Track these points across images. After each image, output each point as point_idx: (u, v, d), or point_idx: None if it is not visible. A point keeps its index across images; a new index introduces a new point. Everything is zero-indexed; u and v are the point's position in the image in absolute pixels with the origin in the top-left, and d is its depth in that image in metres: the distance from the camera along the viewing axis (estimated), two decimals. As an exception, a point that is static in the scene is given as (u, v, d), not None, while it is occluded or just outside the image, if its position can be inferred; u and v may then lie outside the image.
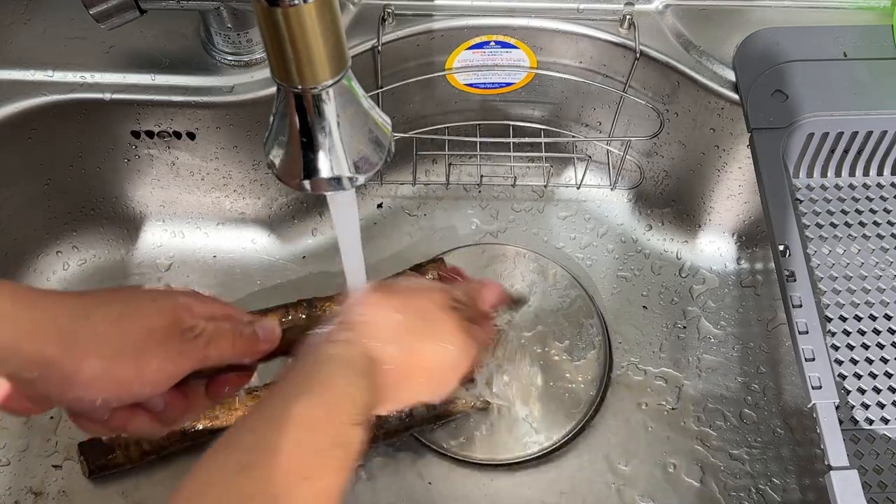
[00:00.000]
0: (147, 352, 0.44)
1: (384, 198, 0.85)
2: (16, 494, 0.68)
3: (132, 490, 0.68)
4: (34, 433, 0.70)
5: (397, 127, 0.79)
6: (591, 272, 0.81)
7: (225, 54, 0.70)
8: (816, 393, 0.56)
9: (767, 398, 0.74)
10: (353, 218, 0.47)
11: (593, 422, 0.72)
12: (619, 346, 0.76)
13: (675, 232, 0.82)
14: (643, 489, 0.69)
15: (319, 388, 0.42)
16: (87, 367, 0.42)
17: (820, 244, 0.65)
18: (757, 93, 0.68)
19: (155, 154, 0.74)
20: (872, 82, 0.68)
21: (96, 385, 0.43)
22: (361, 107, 0.41)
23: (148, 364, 0.44)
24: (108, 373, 0.43)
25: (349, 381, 0.43)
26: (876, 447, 0.57)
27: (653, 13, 0.74)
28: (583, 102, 0.80)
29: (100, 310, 0.44)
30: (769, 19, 0.73)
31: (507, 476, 0.70)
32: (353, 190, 0.43)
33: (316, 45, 0.37)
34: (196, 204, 0.79)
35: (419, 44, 0.74)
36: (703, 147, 0.76)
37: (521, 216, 0.84)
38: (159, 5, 0.62)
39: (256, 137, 0.73)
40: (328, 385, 0.43)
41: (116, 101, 0.69)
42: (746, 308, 0.79)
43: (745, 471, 0.71)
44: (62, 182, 0.74)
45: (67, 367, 0.42)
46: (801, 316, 0.58)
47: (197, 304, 0.47)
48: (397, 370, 0.46)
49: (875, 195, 0.69)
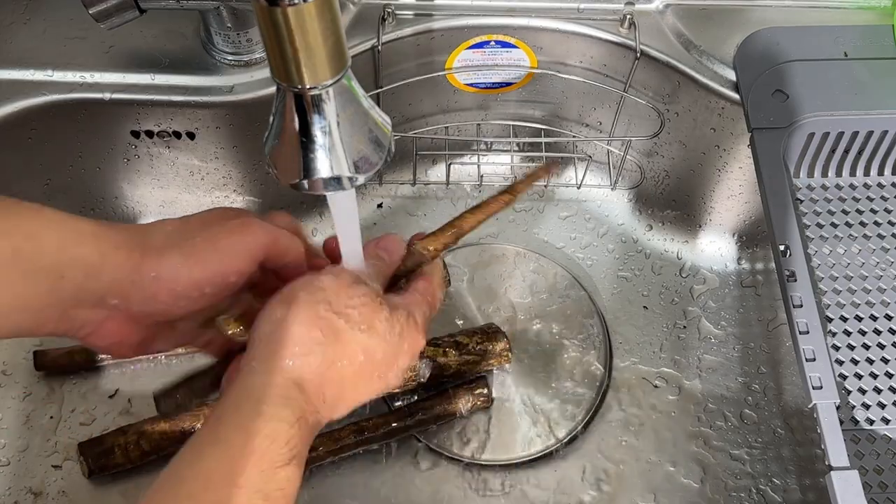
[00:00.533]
0: (220, 233, 0.45)
1: (384, 198, 0.85)
2: (15, 494, 0.68)
3: (132, 490, 0.68)
4: (34, 433, 0.70)
5: (397, 127, 0.79)
6: (591, 272, 0.80)
7: (225, 54, 0.70)
8: (817, 393, 0.56)
9: (768, 398, 0.74)
10: (354, 218, 0.46)
11: (593, 422, 0.72)
12: (619, 347, 0.76)
13: (675, 232, 0.82)
14: (643, 489, 0.69)
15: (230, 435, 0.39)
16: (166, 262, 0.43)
17: (820, 244, 0.65)
18: (757, 92, 0.68)
19: (155, 154, 0.74)
20: (873, 82, 0.68)
21: (180, 276, 0.43)
22: (361, 106, 0.41)
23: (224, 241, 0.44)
24: (187, 260, 0.43)
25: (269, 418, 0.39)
26: (876, 447, 0.57)
27: (653, 13, 0.74)
28: (583, 102, 0.80)
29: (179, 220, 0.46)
30: (769, 19, 0.73)
31: (508, 476, 0.70)
32: (353, 190, 0.43)
33: (316, 44, 0.37)
34: (196, 204, 0.79)
35: (419, 43, 0.74)
36: (704, 147, 0.76)
37: (521, 216, 0.84)
38: (159, 5, 0.62)
39: (256, 137, 0.73)
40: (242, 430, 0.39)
41: (116, 101, 0.69)
42: (747, 308, 0.79)
43: (745, 471, 0.70)
44: (62, 182, 0.74)
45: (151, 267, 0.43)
46: (802, 316, 0.58)
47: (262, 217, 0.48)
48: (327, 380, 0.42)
49: (876, 195, 0.69)
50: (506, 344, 0.72)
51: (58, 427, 0.71)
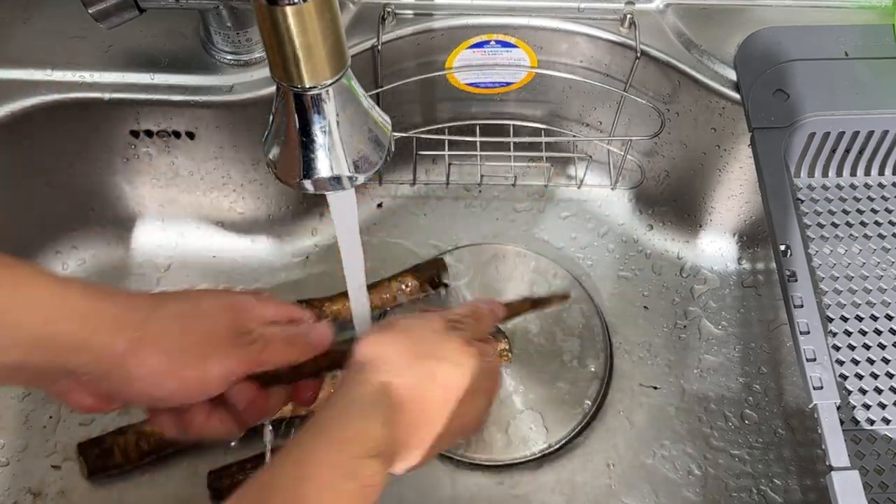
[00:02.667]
0: (208, 351, 0.45)
1: (384, 198, 0.84)
2: (15, 495, 0.68)
3: (132, 490, 0.68)
4: (33, 433, 0.70)
5: (397, 127, 0.79)
6: (591, 272, 0.80)
7: (224, 54, 0.69)
8: (818, 393, 0.55)
9: (769, 398, 0.74)
10: (353, 218, 0.46)
11: (594, 422, 0.72)
12: (619, 347, 0.76)
13: (675, 232, 0.82)
14: (644, 489, 0.69)
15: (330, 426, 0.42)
16: (151, 363, 0.43)
17: (821, 244, 0.65)
18: (758, 92, 0.68)
19: (154, 154, 0.74)
20: (873, 82, 0.68)
21: (159, 382, 0.44)
22: (361, 106, 0.41)
23: (208, 363, 0.45)
24: (171, 370, 0.44)
25: (361, 415, 0.43)
26: (877, 448, 0.57)
27: (653, 12, 0.74)
28: (583, 102, 0.80)
29: (166, 308, 0.45)
30: (770, 18, 0.73)
31: (508, 476, 0.70)
32: (353, 189, 0.43)
33: (316, 44, 0.37)
34: (196, 204, 0.79)
35: (419, 43, 0.74)
36: (704, 147, 0.76)
37: (521, 216, 0.84)
38: (159, 4, 0.62)
39: (256, 137, 0.73)
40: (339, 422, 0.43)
41: (116, 101, 0.69)
42: (747, 308, 0.79)
43: (746, 471, 0.70)
44: (62, 182, 0.74)
45: (133, 363, 0.43)
46: (803, 316, 0.58)
47: (257, 306, 0.49)
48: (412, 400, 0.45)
49: (876, 195, 0.69)
50: (506, 344, 0.72)
51: (57, 427, 0.71)
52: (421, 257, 0.79)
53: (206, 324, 0.46)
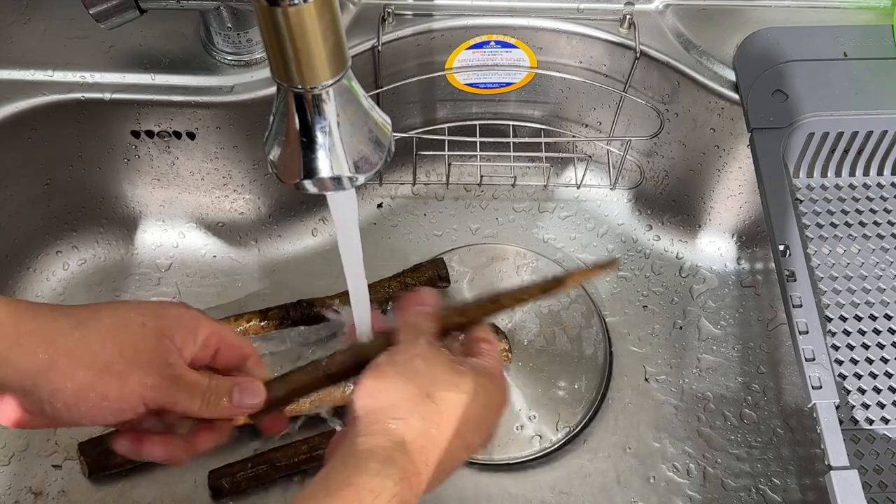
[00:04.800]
0: (130, 370, 0.43)
1: (384, 198, 0.85)
2: (15, 494, 0.68)
3: (132, 490, 0.68)
4: (34, 433, 0.70)
5: (397, 127, 0.79)
6: (591, 272, 0.80)
7: (225, 54, 0.70)
8: (816, 393, 0.56)
9: (767, 398, 0.74)
10: (353, 218, 0.46)
11: (593, 422, 0.72)
12: (618, 346, 0.76)
13: (675, 232, 0.82)
14: (643, 489, 0.69)
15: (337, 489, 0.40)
16: (75, 378, 0.42)
17: (820, 244, 0.65)
18: (757, 93, 0.68)
19: (155, 154, 0.74)
20: (872, 82, 0.68)
21: (83, 396, 0.42)
22: (361, 106, 0.41)
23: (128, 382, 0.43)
24: (94, 387, 0.43)
25: (374, 474, 0.41)
26: (876, 447, 0.57)
27: (653, 13, 0.74)
28: (583, 102, 0.80)
29: (98, 321, 0.44)
30: (769, 19, 0.73)
31: (507, 476, 0.70)
32: (353, 190, 0.43)
33: (316, 44, 0.37)
34: (196, 204, 0.79)
35: (419, 43, 0.74)
36: (704, 147, 0.76)
37: (521, 216, 0.84)
38: (159, 5, 0.62)
39: (256, 137, 0.73)
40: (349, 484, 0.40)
41: (116, 101, 0.69)
42: (746, 308, 0.79)
43: (745, 471, 0.71)
44: (62, 182, 0.74)
45: (56, 378, 0.42)
46: (802, 316, 0.58)
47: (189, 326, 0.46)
48: (429, 442, 0.44)
49: (875, 195, 0.69)
50: (505, 344, 0.72)
51: (57, 427, 0.71)
52: (421, 257, 0.79)
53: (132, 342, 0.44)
